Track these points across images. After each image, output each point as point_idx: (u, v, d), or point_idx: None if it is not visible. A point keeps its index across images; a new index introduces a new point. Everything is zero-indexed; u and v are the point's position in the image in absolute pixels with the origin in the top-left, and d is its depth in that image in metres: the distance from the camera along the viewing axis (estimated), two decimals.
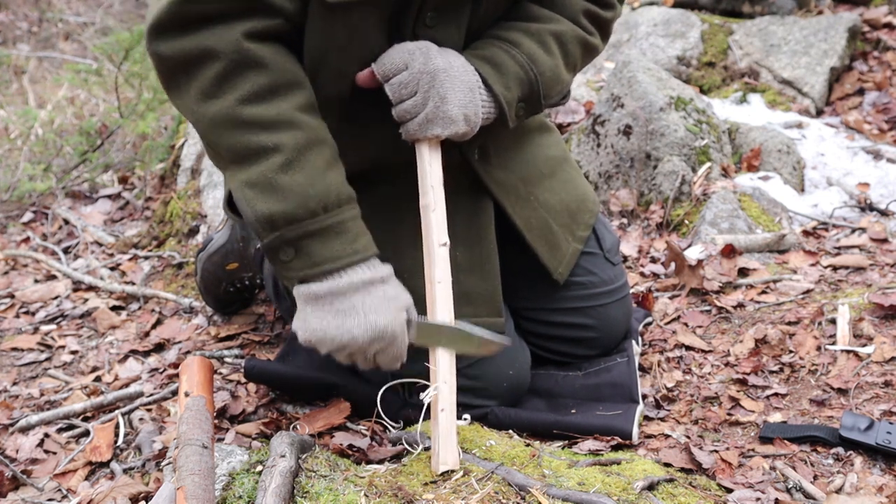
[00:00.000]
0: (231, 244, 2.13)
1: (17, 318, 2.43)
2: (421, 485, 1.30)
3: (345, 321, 1.33)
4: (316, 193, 1.33)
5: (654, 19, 3.70)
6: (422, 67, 1.40)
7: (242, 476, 1.35)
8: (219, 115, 1.32)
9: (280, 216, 1.32)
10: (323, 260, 1.34)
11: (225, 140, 1.33)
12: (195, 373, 1.50)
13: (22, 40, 6.22)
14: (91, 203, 3.26)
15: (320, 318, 1.35)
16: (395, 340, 1.36)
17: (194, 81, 1.33)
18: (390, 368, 1.41)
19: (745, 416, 1.66)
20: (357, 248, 1.36)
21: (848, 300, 1.95)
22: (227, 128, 1.32)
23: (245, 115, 1.32)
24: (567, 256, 1.75)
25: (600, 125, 2.72)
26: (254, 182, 1.32)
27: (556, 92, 1.59)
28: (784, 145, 2.78)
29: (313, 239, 1.33)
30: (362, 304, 1.34)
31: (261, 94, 1.32)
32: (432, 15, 1.44)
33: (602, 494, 1.25)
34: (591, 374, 1.76)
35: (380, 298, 1.35)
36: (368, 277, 1.35)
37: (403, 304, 1.38)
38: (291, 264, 1.35)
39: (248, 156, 1.33)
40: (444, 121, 1.42)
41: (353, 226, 1.37)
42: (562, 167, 1.81)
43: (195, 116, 1.36)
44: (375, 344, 1.35)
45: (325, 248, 1.34)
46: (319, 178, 1.34)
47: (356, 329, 1.33)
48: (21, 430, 1.80)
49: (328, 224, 1.34)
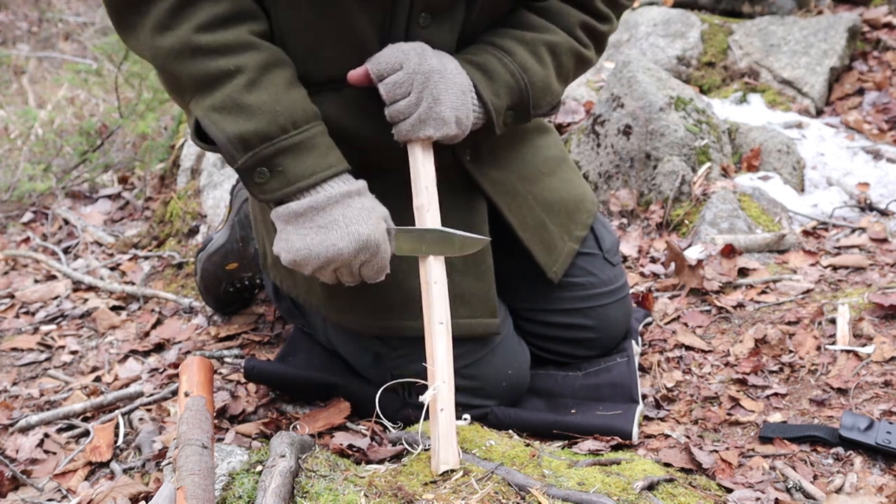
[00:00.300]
0: (231, 244, 2.13)
1: (17, 318, 2.43)
2: (421, 485, 1.30)
3: (328, 235, 1.35)
4: (283, 110, 1.34)
5: (654, 19, 3.70)
6: (416, 68, 1.40)
7: (242, 476, 1.35)
8: (176, 45, 1.33)
9: (251, 134, 1.33)
10: (298, 177, 1.35)
11: (185, 69, 1.34)
12: (195, 373, 1.50)
13: (22, 40, 6.22)
14: (91, 203, 3.26)
15: (303, 235, 1.36)
16: (379, 249, 1.38)
17: (148, 17, 1.34)
18: (375, 280, 1.42)
19: (745, 416, 1.66)
20: (330, 161, 1.38)
21: (848, 300, 1.95)
22: (186, 56, 1.33)
23: (203, 42, 1.33)
24: (562, 256, 1.74)
25: (600, 125, 2.72)
26: (220, 105, 1.33)
27: (546, 102, 1.60)
28: (784, 145, 2.78)
29: (286, 155, 1.34)
30: (343, 217, 1.35)
31: (216, 22, 1.34)
32: (425, 15, 1.44)
33: (602, 494, 1.25)
34: (591, 374, 1.76)
35: (359, 209, 1.37)
36: (345, 190, 1.37)
37: (381, 213, 1.40)
38: (267, 185, 1.36)
39: (211, 81, 1.34)
40: (437, 122, 1.42)
41: (323, 141, 1.39)
42: (560, 167, 1.81)
43: (152, 52, 1.36)
44: (360, 255, 1.36)
45: (299, 164, 1.35)
46: (284, 95, 1.36)
47: (340, 241, 1.34)
48: (21, 430, 1.80)
49: (299, 140, 1.35)
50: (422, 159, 1.45)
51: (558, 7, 1.58)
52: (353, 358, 1.74)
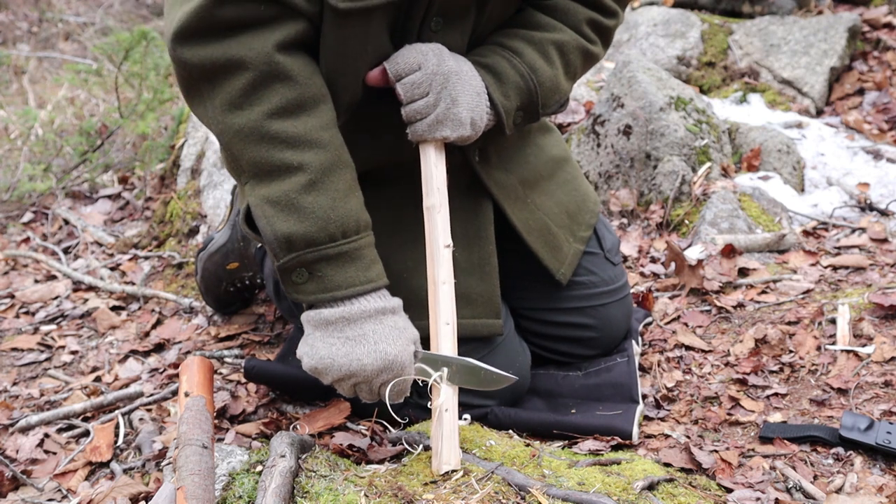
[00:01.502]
0: (231, 244, 2.13)
1: (17, 318, 2.43)
2: (421, 485, 1.30)
3: (354, 348, 1.33)
4: (337, 217, 1.32)
5: (654, 19, 3.70)
6: (435, 69, 1.40)
7: (242, 476, 1.35)
8: (245, 127, 1.30)
9: (299, 238, 1.31)
10: (336, 286, 1.33)
11: (249, 153, 1.32)
12: (195, 373, 1.50)
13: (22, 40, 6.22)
14: (91, 203, 3.26)
15: (329, 344, 1.34)
16: (403, 372, 1.36)
17: (220, 91, 1.31)
18: (394, 402, 1.40)
19: (745, 416, 1.66)
20: (371, 276, 1.36)
21: (848, 300, 1.95)
22: (253, 141, 1.31)
23: (272, 130, 1.30)
24: (569, 257, 1.75)
25: (600, 125, 2.72)
26: (275, 200, 1.31)
27: (555, 101, 1.60)
28: (784, 145, 2.78)
29: (329, 263, 1.33)
30: (373, 333, 1.33)
31: (289, 109, 1.31)
32: (437, 20, 1.44)
33: (602, 494, 1.25)
34: (592, 374, 1.76)
35: (390, 328, 1.35)
36: (381, 306, 1.35)
37: (412, 336, 1.38)
38: (304, 287, 1.34)
39: (272, 172, 1.31)
40: (454, 123, 1.42)
41: (369, 253, 1.37)
42: (562, 168, 1.81)
43: (219, 127, 1.33)
44: (384, 374, 1.34)
45: (339, 274, 1.33)
46: (341, 202, 1.33)
47: (366, 357, 1.32)
48: (21, 430, 1.80)
49: (345, 250, 1.34)
50: (434, 160, 1.44)
51: (565, 4, 1.58)
52: None
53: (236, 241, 2.12)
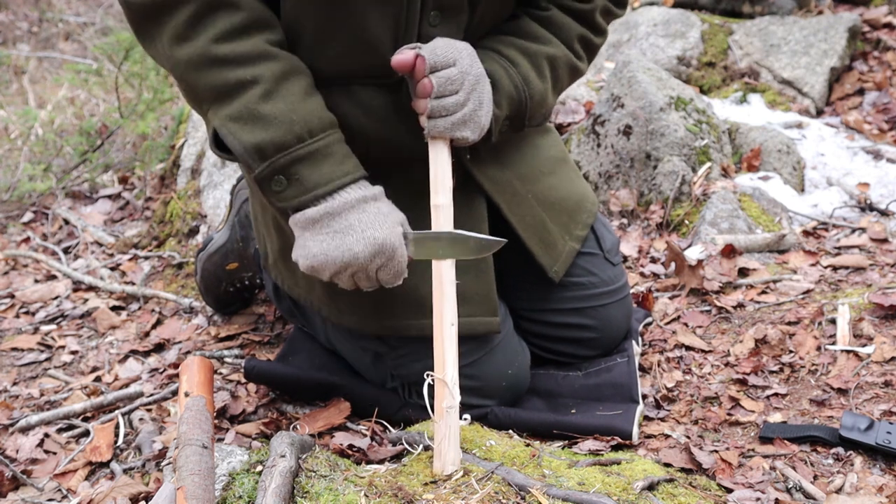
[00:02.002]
0: (231, 244, 2.13)
1: (17, 318, 2.43)
2: (421, 485, 1.30)
3: (344, 239, 1.36)
4: (299, 119, 1.35)
5: (654, 19, 3.70)
6: (468, 68, 1.41)
7: (242, 476, 1.35)
8: (194, 55, 1.35)
9: (268, 144, 1.34)
10: (315, 184, 1.36)
11: (203, 79, 1.35)
12: (195, 373, 1.50)
13: (22, 40, 6.22)
14: (91, 203, 3.26)
15: (319, 241, 1.37)
16: (395, 253, 1.38)
17: (166, 27, 1.36)
18: (392, 284, 1.43)
19: (745, 416, 1.66)
20: (346, 169, 1.39)
21: (848, 300, 1.95)
22: (204, 67, 1.35)
23: (220, 53, 1.34)
24: (563, 255, 1.75)
25: (600, 125, 2.72)
26: (237, 115, 1.35)
27: (540, 115, 1.63)
28: (784, 145, 2.78)
29: (303, 164, 1.36)
30: (359, 221, 1.36)
31: (234, 32, 1.35)
32: (435, 14, 1.44)
33: (602, 494, 1.25)
34: (592, 374, 1.76)
35: (375, 214, 1.38)
36: (361, 195, 1.38)
37: (398, 218, 1.41)
38: (284, 193, 1.37)
39: (228, 91, 1.35)
40: (475, 125, 1.44)
41: (339, 148, 1.40)
42: (560, 167, 1.81)
43: (171, 61, 1.38)
44: (377, 259, 1.37)
45: (315, 172, 1.36)
46: (300, 104, 1.37)
47: (356, 245, 1.35)
48: (21, 430, 1.81)
49: (315, 148, 1.36)
50: (445, 158, 1.44)
51: (560, 19, 1.58)
52: (353, 358, 1.74)
53: (236, 241, 2.12)
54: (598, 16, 1.61)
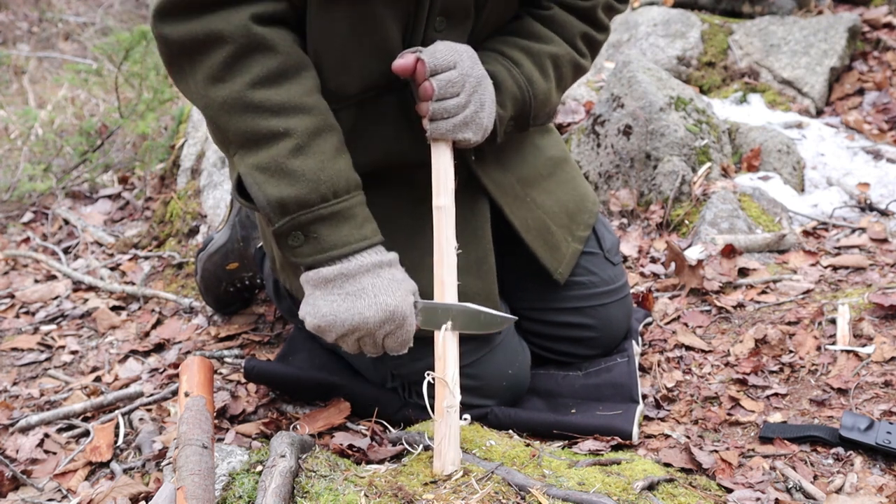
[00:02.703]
0: (231, 244, 2.13)
1: (17, 318, 2.43)
2: (421, 485, 1.30)
3: (355, 303, 1.35)
4: (327, 178, 1.34)
5: (654, 19, 3.70)
6: (469, 70, 1.41)
7: (242, 476, 1.35)
8: (228, 98, 1.32)
9: (292, 200, 1.33)
10: (332, 245, 1.35)
11: (234, 124, 1.33)
12: (195, 373, 1.50)
13: (22, 40, 6.22)
14: (91, 203, 3.26)
15: (330, 301, 1.36)
16: (405, 322, 1.37)
17: (201, 65, 1.33)
18: (398, 352, 1.42)
19: (745, 416, 1.66)
20: (365, 233, 1.38)
21: (848, 300, 1.95)
22: (237, 112, 1.33)
23: (255, 99, 1.32)
24: (567, 257, 1.75)
25: (600, 125, 2.72)
26: (264, 166, 1.33)
27: (544, 114, 1.62)
28: (784, 145, 2.78)
29: (323, 223, 1.35)
30: (372, 286, 1.35)
31: (270, 78, 1.33)
32: (441, 19, 1.44)
33: (602, 494, 1.25)
34: (592, 374, 1.76)
35: (389, 280, 1.37)
36: (377, 260, 1.37)
37: (410, 287, 1.40)
38: (301, 249, 1.36)
39: (259, 140, 1.33)
40: (477, 126, 1.44)
41: (361, 211, 1.39)
42: (561, 168, 1.81)
43: (203, 101, 1.35)
44: (386, 326, 1.36)
45: (334, 233, 1.35)
46: (329, 163, 1.35)
47: (367, 310, 1.34)
48: (21, 430, 1.81)
49: (338, 209, 1.35)
50: (448, 160, 1.44)
51: (562, 17, 1.59)
52: (354, 358, 1.74)
53: (236, 241, 2.12)
54: (599, 12, 1.61)
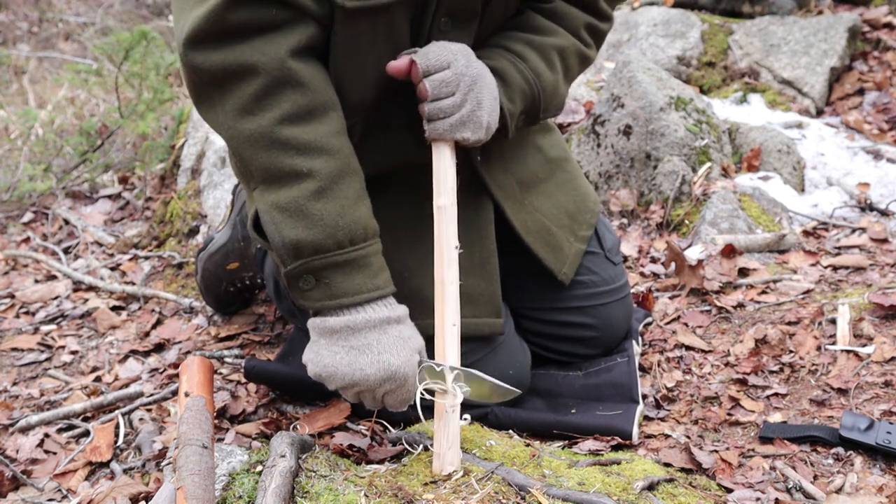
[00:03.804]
0: (232, 244, 2.13)
1: (17, 318, 2.43)
2: (421, 485, 1.30)
3: (358, 358, 1.33)
4: (345, 224, 1.32)
5: (654, 19, 3.70)
6: (464, 69, 1.40)
7: (242, 476, 1.35)
8: (256, 133, 1.30)
9: (307, 244, 1.31)
10: (343, 293, 1.33)
11: (259, 159, 1.31)
12: (195, 373, 1.50)
13: (22, 40, 6.22)
14: (91, 203, 3.26)
15: (333, 353, 1.35)
16: (406, 382, 1.36)
17: (231, 96, 1.30)
18: (397, 409, 1.41)
19: (745, 416, 1.66)
20: (378, 283, 1.36)
21: (848, 300, 1.95)
22: (263, 147, 1.30)
23: (283, 136, 1.30)
24: (570, 257, 1.75)
25: (600, 125, 2.72)
26: (284, 206, 1.31)
27: (554, 106, 1.61)
28: (784, 145, 2.78)
29: (336, 271, 1.33)
30: (377, 343, 1.34)
31: (300, 116, 1.31)
32: (446, 20, 1.44)
33: (602, 494, 1.25)
34: (592, 374, 1.76)
35: (395, 338, 1.35)
36: (385, 316, 1.35)
37: (417, 346, 1.38)
38: (311, 293, 1.35)
39: (282, 178, 1.31)
40: (475, 125, 1.43)
41: (376, 260, 1.37)
42: (561, 168, 1.81)
43: (230, 132, 1.33)
44: (386, 384, 1.35)
45: (346, 281, 1.33)
46: (350, 209, 1.34)
47: (368, 368, 1.33)
48: (21, 430, 1.80)
49: (353, 257, 1.34)
50: (448, 160, 1.44)
51: (564, 9, 1.59)
52: None
53: (236, 241, 2.12)
54: (601, 2, 1.61)
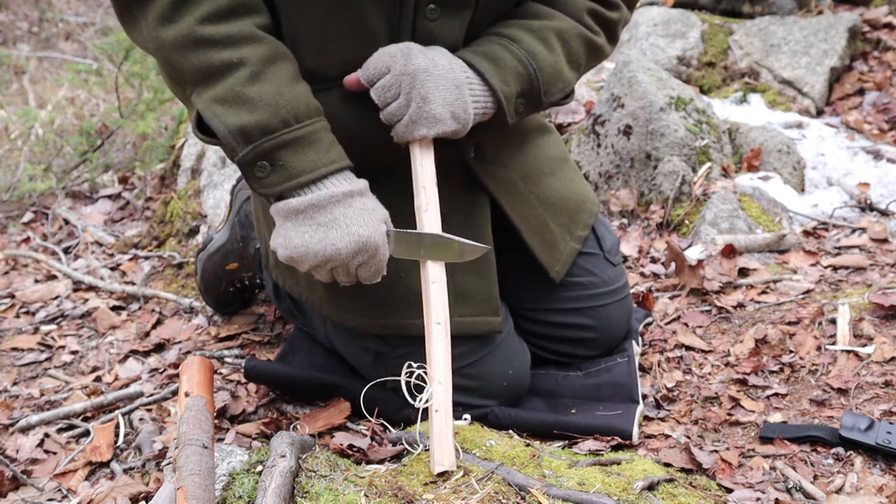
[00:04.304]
0: (231, 244, 2.13)
1: (17, 318, 2.43)
2: (421, 485, 1.30)
3: (327, 234, 1.34)
4: (286, 103, 1.33)
5: (654, 19, 3.70)
6: (402, 69, 1.40)
7: (242, 476, 1.35)
8: (179, 36, 1.32)
9: (253, 126, 1.32)
10: (299, 171, 1.34)
11: (187, 61, 1.33)
12: (195, 373, 1.50)
13: (22, 40, 6.22)
14: (91, 203, 3.26)
15: (302, 232, 1.35)
16: (378, 252, 1.37)
17: (151, 8, 1.34)
18: (371, 281, 1.42)
19: (745, 416, 1.66)
20: (332, 157, 1.37)
21: (848, 300, 1.95)
22: (189, 48, 1.32)
23: (206, 34, 1.32)
24: (564, 255, 1.75)
25: (600, 125, 2.72)
26: (222, 97, 1.33)
27: (558, 89, 1.57)
28: (784, 145, 2.78)
29: (288, 149, 1.34)
30: (343, 216, 1.35)
31: (220, 14, 1.33)
32: (433, 7, 1.44)
33: (602, 494, 1.25)
34: (592, 374, 1.76)
35: (360, 210, 1.36)
36: (347, 189, 1.36)
37: (382, 216, 1.40)
38: (268, 180, 1.35)
39: (213, 73, 1.33)
40: (429, 120, 1.42)
41: (326, 136, 1.38)
42: (561, 167, 1.81)
43: (155, 43, 1.35)
44: (358, 256, 1.36)
45: (300, 159, 1.34)
46: (287, 88, 1.35)
47: (339, 241, 1.34)
48: (21, 430, 1.81)
49: (301, 134, 1.34)
50: (420, 159, 1.44)
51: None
52: (354, 358, 1.74)
53: (236, 241, 2.12)
54: None
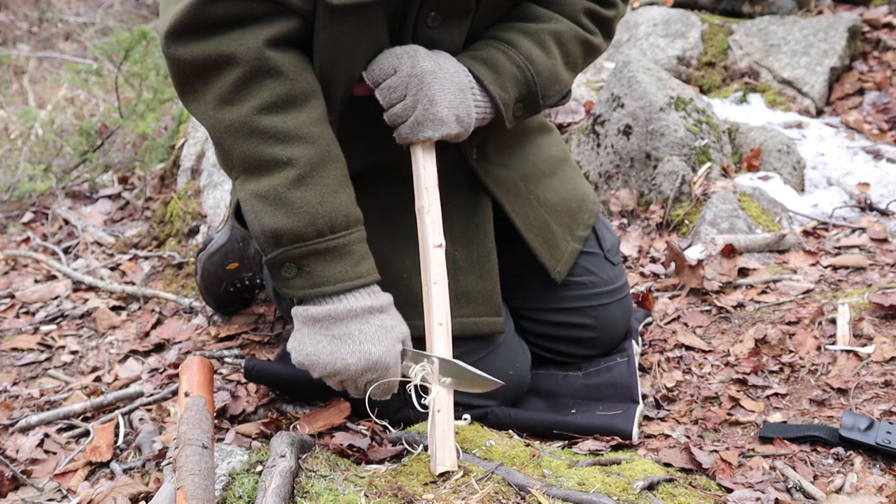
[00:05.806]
0: (231, 244, 2.13)
1: (17, 318, 2.43)
2: (421, 485, 1.30)
3: (339, 347, 1.34)
4: (325, 212, 1.32)
5: (654, 19, 3.70)
6: (409, 71, 1.40)
7: (242, 476, 1.35)
8: (236, 122, 1.31)
9: (287, 232, 1.31)
10: (324, 281, 1.33)
11: (239, 148, 1.32)
12: (195, 373, 1.50)
13: (22, 40, 6.22)
14: (91, 203, 3.26)
15: (316, 341, 1.35)
16: (388, 372, 1.36)
17: (211, 87, 1.32)
18: (380, 399, 1.41)
19: (745, 416, 1.66)
20: (360, 272, 1.36)
21: (848, 300, 1.95)
22: (243, 136, 1.31)
23: (262, 125, 1.31)
24: (565, 256, 1.75)
25: (600, 125, 2.72)
26: (264, 194, 1.32)
27: (555, 92, 1.59)
28: (784, 145, 2.78)
29: (317, 258, 1.33)
30: (359, 332, 1.34)
31: (279, 104, 1.32)
32: (434, 16, 1.44)
33: (602, 494, 1.25)
34: (592, 374, 1.76)
35: (377, 328, 1.35)
36: (367, 305, 1.35)
37: (400, 335, 1.38)
38: (293, 281, 1.35)
39: (261, 167, 1.32)
40: (434, 122, 1.42)
41: (359, 248, 1.37)
42: (562, 167, 1.81)
43: (211, 122, 1.34)
44: (368, 374, 1.35)
45: (327, 269, 1.33)
46: (330, 196, 1.34)
47: (350, 357, 1.33)
48: (21, 430, 1.80)
49: (334, 245, 1.34)
50: (423, 161, 1.44)
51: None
52: None
53: (236, 241, 2.12)
54: None
